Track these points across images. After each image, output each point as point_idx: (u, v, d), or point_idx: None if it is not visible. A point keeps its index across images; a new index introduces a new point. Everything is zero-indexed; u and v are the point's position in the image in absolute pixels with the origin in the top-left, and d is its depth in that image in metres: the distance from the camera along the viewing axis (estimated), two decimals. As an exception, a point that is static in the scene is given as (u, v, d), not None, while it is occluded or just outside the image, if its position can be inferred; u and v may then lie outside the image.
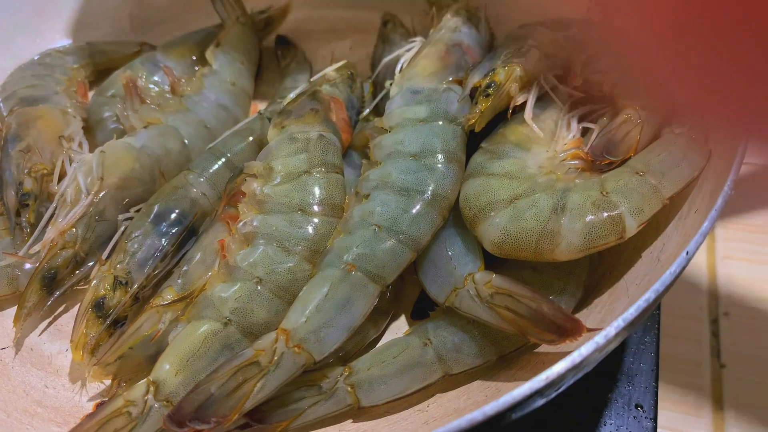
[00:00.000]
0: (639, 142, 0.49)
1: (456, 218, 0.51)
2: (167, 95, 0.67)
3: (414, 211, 0.48)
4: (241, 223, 0.50)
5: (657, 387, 0.52)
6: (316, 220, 0.50)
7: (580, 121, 0.53)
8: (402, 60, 0.62)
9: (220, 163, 0.59)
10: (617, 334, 0.33)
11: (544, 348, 0.46)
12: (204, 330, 0.45)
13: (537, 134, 0.52)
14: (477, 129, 0.53)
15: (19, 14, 0.76)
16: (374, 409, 0.46)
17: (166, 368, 0.44)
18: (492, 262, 0.48)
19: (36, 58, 0.74)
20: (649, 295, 0.34)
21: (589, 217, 0.44)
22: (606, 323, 0.41)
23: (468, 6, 0.66)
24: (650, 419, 0.50)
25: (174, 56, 0.73)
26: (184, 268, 0.50)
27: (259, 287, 0.47)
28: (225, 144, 0.61)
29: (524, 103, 0.54)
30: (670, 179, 0.46)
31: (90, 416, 0.42)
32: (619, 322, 0.33)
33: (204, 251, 0.51)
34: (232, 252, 0.49)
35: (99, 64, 0.77)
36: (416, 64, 0.59)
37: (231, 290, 0.47)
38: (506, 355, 0.46)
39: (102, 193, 0.55)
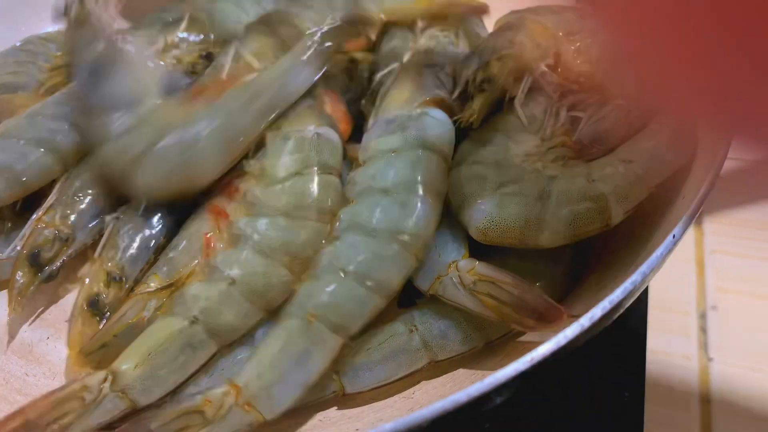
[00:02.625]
0: (627, 131, 0.49)
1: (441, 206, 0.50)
2: None
3: (385, 254, 0.44)
4: (228, 224, 0.49)
5: (644, 375, 0.52)
6: (300, 225, 0.48)
7: (569, 110, 0.53)
8: (381, 89, 0.58)
9: None
10: (603, 317, 0.33)
11: (530, 336, 0.46)
12: (170, 326, 0.45)
13: (525, 122, 0.52)
14: (475, 125, 0.52)
15: (2, 1, 0.75)
16: (359, 396, 0.45)
17: (126, 360, 0.44)
18: (479, 249, 0.48)
19: (18, 44, 0.73)
20: (636, 278, 0.34)
21: (575, 204, 0.44)
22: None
23: (443, 24, 0.64)
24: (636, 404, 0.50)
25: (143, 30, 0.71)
26: (170, 255, 0.50)
27: (231, 289, 0.46)
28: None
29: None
30: (657, 167, 0.45)
31: (46, 395, 0.42)
32: (605, 304, 0.33)
33: (189, 238, 0.50)
34: (215, 252, 0.48)
35: (84, 52, 0.75)
36: (389, 92, 0.56)
37: (204, 289, 0.46)
38: (493, 342, 0.46)
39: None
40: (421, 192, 0.47)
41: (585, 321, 0.33)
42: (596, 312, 0.33)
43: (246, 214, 0.49)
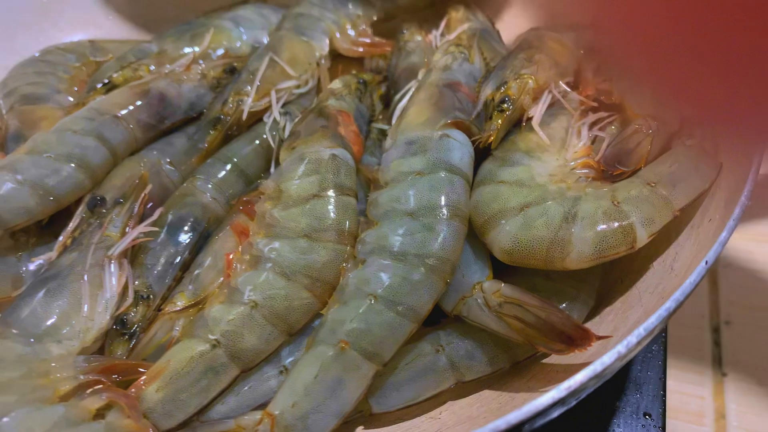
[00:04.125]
0: (651, 152, 0.49)
1: (464, 226, 0.50)
2: None
3: (413, 278, 0.44)
4: (248, 245, 0.50)
5: (665, 395, 0.52)
6: (320, 247, 0.48)
7: (590, 128, 0.53)
8: (397, 108, 0.59)
9: (226, 168, 0.59)
10: (638, 343, 0.33)
11: (557, 357, 0.46)
12: (191, 350, 0.45)
13: (546, 142, 0.52)
14: (494, 146, 0.52)
15: (22, 11, 0.75)
16: (386, 416, 0.46)
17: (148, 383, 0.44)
18: (504, 269, 0.48)
19: (37, 54, 0.73)
20: (670, 304, 0.34)
21: (601, 227, 0.44)
22: (619, 331, 0.42)
23: (459, 40, 0.64)
24: (658, 428, 0.50)
25: (167, 43, 0.71)
26: (196, 272, 0.50)
27: (253, 312, 0.46)
28: (230, 149, 0.61)
29: (535, 111, 0.54)
30: (681, 191, 0.46)
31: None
32: (640, 331, 0.33)
33: (214, 256, 0.51)
34: (236, 273, 0.48)
35: (102, 63, 0.75)
36: (408, 112, 0.55)
37: (225, 312, 0.46)
38: (519, 363, 0.46)
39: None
40: (447, 215, 0.47)
41: (622, 348, 0.33)
42: (632, 339, 0.33)
43: (265, 236, 0.49)
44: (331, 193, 0.50)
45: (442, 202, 0.47)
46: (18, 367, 0.42)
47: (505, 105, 0.53)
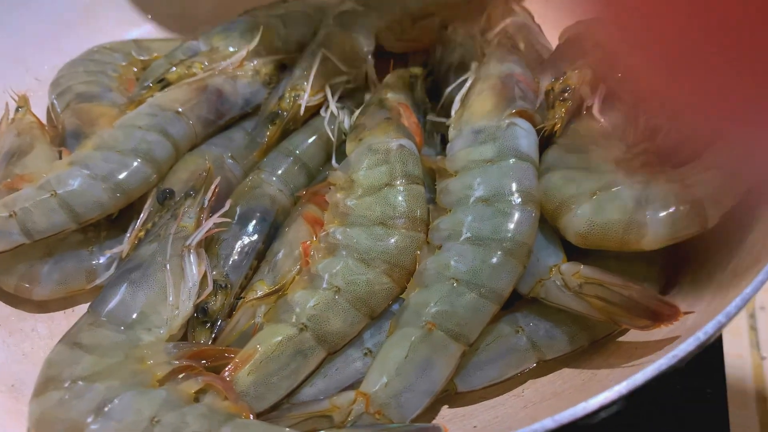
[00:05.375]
0: (707, 138, 0.51)
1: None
2: None
3: (493, 261, 0.46)
4: (324, 233, 0.51)
5: (724, 368, 0.54)
6: (396, 234, 0.49)
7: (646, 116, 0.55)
8: (456, 101, 0.60)
9: (289, 161, 0.60)
10: (735, 313, 0.35)
11: (632, 336, 0.48)
12: (279, 334, 0.46)
13: (607, 130, 0.54)
14: (558, 134, 0.53)
15: (67, 12, 0.76)
16: (470, 395, 0.47)
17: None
18: (573, 252, 0.50)
19: (84, 54, 0.73)
20: (763, 277, 0.36)
21: (673, 208, 0.46)
22: (694, 307, 0.43)
23: (506, 34, 0.66)
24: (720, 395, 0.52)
25: (215, 41, 0.72)
26: (272, 261, 0.51)
27: (337, 297, 0.47)
28: (291, 142, 0.62)
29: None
30: (744, 174, 0.47)
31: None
32: (738, 302, 0.35)
33: (289, 245, 0.52)
34: (315, 260, 0.50)
35: (146, 62, 0.76)
36: (471, 102, 0.57)
37: (310, 297, 0.47)
38: (597, 341, 0.48)
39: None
40: (520, 200, 0.48)
41: (722, 317, 0.34)
42: (731, 309, 0.35)
43: (340, 224, 0.51)
44: (401, 181, 0.51)
45: (515, 188, 0.49)
46: (115, 353, 0.43)
47: (567, 94, 0.54)
